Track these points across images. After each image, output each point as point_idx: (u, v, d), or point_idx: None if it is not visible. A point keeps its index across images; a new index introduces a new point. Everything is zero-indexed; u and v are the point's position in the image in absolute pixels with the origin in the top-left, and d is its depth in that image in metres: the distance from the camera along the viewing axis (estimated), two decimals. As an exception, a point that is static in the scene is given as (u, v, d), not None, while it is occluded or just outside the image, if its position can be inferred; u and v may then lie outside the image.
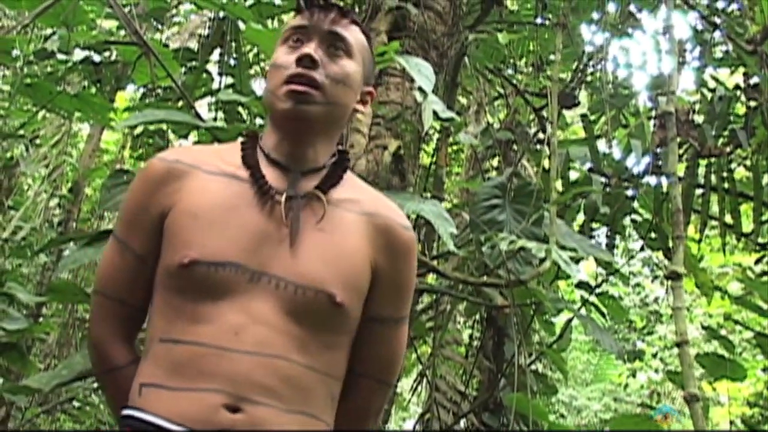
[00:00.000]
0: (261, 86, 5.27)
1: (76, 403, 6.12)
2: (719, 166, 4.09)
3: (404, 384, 6.54)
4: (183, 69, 4.04)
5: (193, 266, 1.35)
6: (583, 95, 5.12)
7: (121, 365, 1.47)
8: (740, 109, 4.30)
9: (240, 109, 3.92)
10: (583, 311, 3.82)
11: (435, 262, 3.58)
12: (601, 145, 4.24)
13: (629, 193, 4.14)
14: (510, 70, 5.23)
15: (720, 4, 4.82)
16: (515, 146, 4.57)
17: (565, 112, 4.90)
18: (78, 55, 3.80)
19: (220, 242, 1.37)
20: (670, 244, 3.46)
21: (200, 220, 1.39)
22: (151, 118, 2.62)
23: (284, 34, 1.53)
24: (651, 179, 4.09)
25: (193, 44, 5.08)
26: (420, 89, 2.50)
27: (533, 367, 4.28)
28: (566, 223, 3.74)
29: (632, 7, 4.82)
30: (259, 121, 3.47)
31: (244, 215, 1.40)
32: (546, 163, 3.88)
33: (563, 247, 3.06)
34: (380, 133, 3.12)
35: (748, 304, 3.94)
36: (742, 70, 4.30)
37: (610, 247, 4.04)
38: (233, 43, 4.04)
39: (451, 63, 3.74)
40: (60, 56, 3.76)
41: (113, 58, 4.12)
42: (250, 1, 3.79)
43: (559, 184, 3.93)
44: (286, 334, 1.35)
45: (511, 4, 5.20)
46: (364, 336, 1.50)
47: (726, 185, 4.10)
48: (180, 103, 3.64)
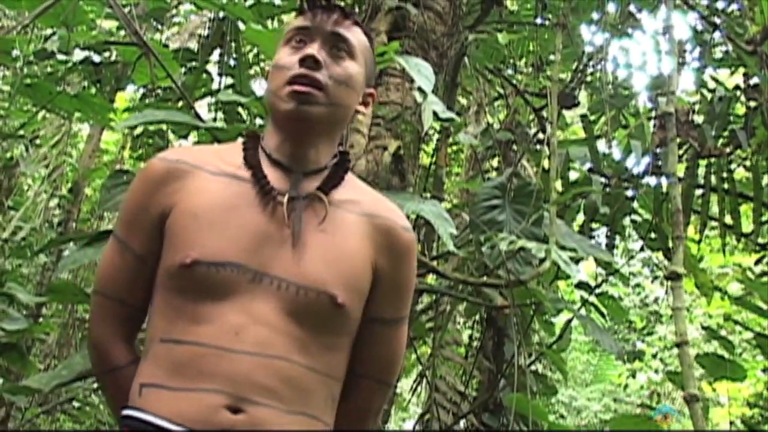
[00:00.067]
0: (261, 87, 5.27)
1: (76, 404, 6.12)
2: (719, 167, 4.08)
3: (404, 384, 6.54)
4: (183, 69, 4.04)
5: (194, 266, 1.35)
6: (583, 95, 5.12)
7: (121, 365, 1.47)
8: (740, 109, 4.30)
9: (240, 109, 3.92)
10: (583, 311, 3.82)
11: (435, 263, 3.58)
12: (601, 146, 4.24)
13: (629, 193, 4.14)
14: (510, 71, 5.23)
15: (720, 4, 4.82)
16: (515, 146, 4.57)
17: (565, 112, 4.90)
18: (78, 55, 3.80)
19: (221, 242, 1.37)
20: (670, 244, 3.45)
21: (201, 220, 1.39)
22: (151, 119, 2.62)
23: (286, 35, 1.53)
24: (651, 179, 4.09)
25: (193, 44, 5.08)
26: (420, 89, 2.50)
27: (533, 367, 4.27)
28: (566, 223, 3.73)
29: (632, 8, 4.82)
30: (258, 121, 3.47)
31: (245, 215, 1.40)
32: (546, 163, 3.88)
33: (563, 248, 3.06)
34: (380, 134, 3.12)
35: (747, 304, 3.93)
36: (742, 70, 4.30)
37: (610, 247, 4.03)
38: (233, 44, 4.04)
39: (450, 63, 3.74)
40: (60, 56, 3.76)
41: (113, 58, 4.12)
42: (250, 2, 3.79)
43: (558, 185, 3.92)
44: (287, 334, 1.35)
45: (511, 4, 5.20)
46: (364, 337, 1.49)
47: (726, 186, 4.10)
48: (180, 103, 3.64)
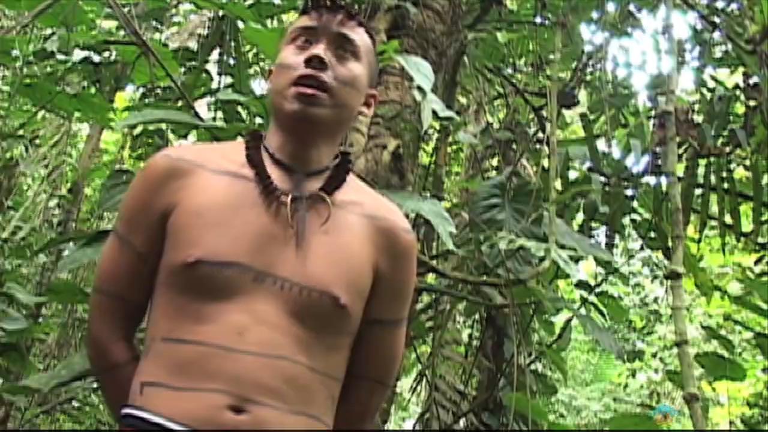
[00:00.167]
0: (260, 86, 5.27)
1: (75, 404, 6.12)
2: (719, 166, 4.08)
3: (404, 384, 6.54)
4: (182, 69, 4.04)
5: (197, 266, 1.34)
6: (582, 95, 5.12)
7: (121, 363, 1.46)
8: (740, 108, 4.30)
9: (239, 108, 3.92)
10: (583, 311, 3.82)
11: (434, 262, 3.58)
12: (601, 145, 4.24)
13: (629, 192, 4.14)
14: (509, 70, 5.23)
15: (719, 3, 4.82)
16: (515, 146, 4.56)
17: (565, 111, 4.90)
18: (77, 55, 3.80)
19: (224, 242, 1.36)
20: (670, 243, 3.45)
21: (205, 218, 1.38)
22: (150, 118, 2.62)
23: (291, 35, 1.52)
24: (650, 179, 4.09)
25: (193, 44, 5.08)
26: (419, 88, 2.51)
27: (533, 366, 4.27)
28: (566, 222, 3.74)
29: (632, 7, 4.82)
30: (258, 120, 3.47)
31: (248, 215, 1.39)
32: (545, 162, 3.88)
33: (562, 247, 3.06)
34: (379, 132, 3.12)
35: (747, 304, 3.93)
36: (741, 69, 4.30)
37: (610, 246, 4.03)
38: (232, 43, 4.03)
39: (450, 62, 3.74)
40: (59, 56, 3.75)
41: (113, 58, 4.11)
42: (250, 1, 3.78)
43: (558, 184, 3.92)
44: (290, 335, 1.35)
45: (511, 4, 5.20)
46: (363, 338, 1.49)
47: (725, 185, 4.10)
48: (179, 103, 3.64)
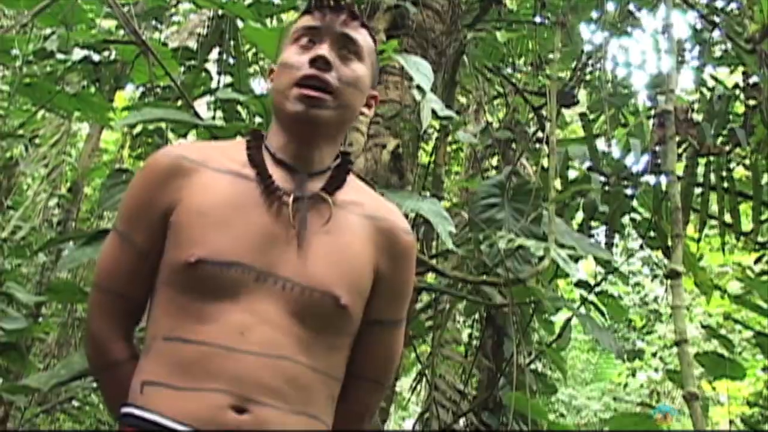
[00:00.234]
0: (260, 85, 5.27)
1: (75, 403, 6.11)
2: (718, 165, 4.08)
3: (404, 383, 6.53)
4: (182, 68, 4.04)
5: (199, 265, 1.34)
6: (582, 94, 5.12)
7: (120, 361, 1.46)
8: (739, 107, 4.30)
9: (239, 107, 3.91)
10: (583, 310, 3.81)
11: (434, 261, 3.58)
12: (600, 144, 4.25)
13: (628, 191, 4.14)
14: (509, 69, 5.23)
15: (719, 3, 4.82)
16: (514, 145, 4.56)
17: (565, 111, 4.90)
18: (77, 54, 3.79)
19: (227, 241, 1.36)
20: (669, 242, 3.45)
21: (207, 218, 1.38)
22: (150, 117, 2.61)
23: (294, 34, 1.52)
24: (650, 178, 4.08)
25: (192, 43, 5.08)
26: (418, 88, 2.51)
27: (533, 366, 4.27)
28: (565, 221, 3.74)
29: (631, 6, 4.83)
30: (258, 119, 3.46)
31: (251, 215, 1.39)
32: (545, 161, 3.88)
33: (562, 246, 3.06)
34: (379, 132, 3.12)
35: (747, 303, 3.92)
36: (741, 69, 4.30)
37: (609, 245, 4.03)
38: (232, 42, 4.03)
39: (449, 61, 3.74)
40: (59, 56, 3.75)
41: (112, 57, 4.11)
42: (249, 0, 3.78)
43: (558, 183, 3.92)
44: (291, 335, 1.35)
45: (510, 3, 5.20)
46: (363, 338, 1.50)
47: (725, 184, 4.09)
48: (179, 102, 3.63)
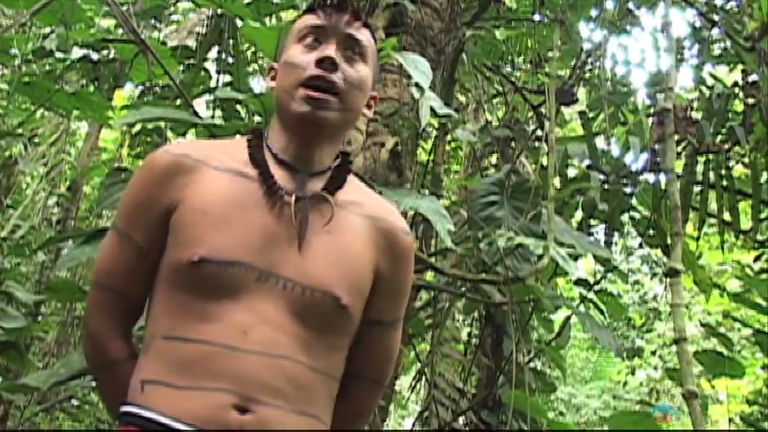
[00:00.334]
0: (259, 84, 5.26)
1: (74, 402, 6.11)
2: (717, 163, 4.08)
3: (403, 382, 6.53)
4: (181, 67, 4.03)
5: (202, 264, 1.34)
6: (581, 92, 5.12)
7: (119, 360, 1.45)
8: (738, 106, 4.30)
9: (238, 106, 3.91)
10: (582, 308, 3.81)
11: (433, 259, 3.58)
12: (600, 142, 4.25)
13: (627, 190, 4.14)
14: (508, 67, 5.23)
15: (718, 1, 4.82)
16: (513, 143, 4.56)
17: (564, 109, 4.91)
18: (76, 53, 3.78)
19: (229, 241, 1.36)
20: (669, 240, 3.45)
21: (209, 216, 1.38)
22: (149, 116, 2.60)
23: (299, 33, 1.51)
24: (649, 176, 4.08)
25: (191, 42, 5.08)
26: (417, 86, 2.50)
27: (532, 364, 4.27)
28: (564, 219, 3.73)
29: (630, 5, 4.83)
30: (257, 118, 3.46)
31: (252, 214, 1.39)
32: (544, 160, 3.88)
33: (561, 244, 3.06)
34: (378, 130, 3.12)
35: (747, 301, 3.92)
36: (740, 67, 4.30)
37: (609, 244, 4.03)
38: (231, 41, 4.03)
39: (448, 59, 3.74)
40: (58, 55, 3.74)
41: (111, 56, 4.11)
42: (248, -1, 3.78)
43: (557, 181, 3.92)
44: (292, 334, 1.35)
45: (509, 1, 5.20)
46: (361, 338, 1.50)
47: (724, 182, 4.09)
48: (178, 101, 3.63)
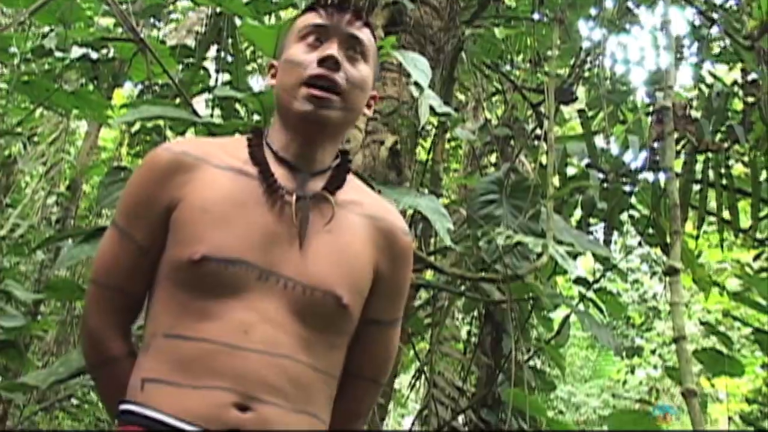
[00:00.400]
0: (258, 83, 5.26)
1: (74, 401, 6.11)
2: (717, 162, 4.07)
3: (402, 380, 6.53)
4: (180, 66, 4.04)
5: (203, 262, 1.34)
6: (580, 91, 5.12)
7: (118, 357, 1.45)
8: (738, 104, 4.29)
9: (237, 105, 3.91)
10: (581, 307, 3.81)
11: (432, 258, 3.58)
12: (599, 141, 4.24)
13: (627, 188, 4.14)
14: (507, 66, 5.23)
15: (717, -1, 4.82)
16: (513, 142, 4.56)
17: (563, 107, 4.90)
18: (75, 52, 3.79)
19: (230, 239, 1.36)
20: (668, 239, 3.45)
21: (210, 214, 1.37)
22: (148, 115, 2.60)
23: (301, 31, 1.51)
24: (648, 175, 4.08)
25: (191, 41, 5.07)
26: (416, 84, 2.50)
27: (531, 363, 4.28)
28: (563, 218, 3.73)
29: (630, 3, 4.83)
30: (256, 117, 3.46)
31: (253, 213, 1.39)
32: (543, 158, 3.87)
33: (560, 243, 3.06)
34: (377, 128, 3.12)
35: (746, 300, 3.92)
36: (739, 65, 4.30)
37: (608, 242, 4.03)
38: (230, 40, 4.03)
39: (447, 58, 3.74)
40: (57, 53, 3.75)
41: (110, 55, 4.11)
42: (247, -2, 3.78)
43: (556, 180, 3.92)
44: (293, 333, 1.35)
45: (509, 0, 5.20)
46: (360, 338, 1.50)
47: (724, 181, 4.09)
48: (177, 100, 3.63)
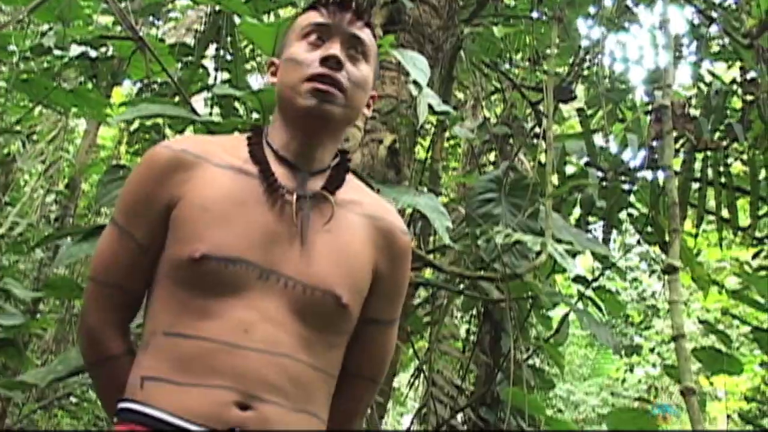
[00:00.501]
0: (257, 81, 5.26)
1: (73, 399, 6.12)
2: (716, 160, 4.08)
3: (401, 379, 6.54)
4: (179, 64, 4.04)
5: (203, 261, 1.33)
6: (579, 89, 5.11)
7: (116, 355, 1.45)
8: (737, 103, 4.30)
9: (236, 103, 3.91)
10: (580, 305, 3.81)
11: (431, 256, 3.58)
12: (598, 140, 4.25)
13: (626, 187, 4.14)
14: (506, 65, 5.23)
15: (716, -2, 4.82)
16: (512, 140, 4.55)
17: (562, 106, 4.90)
18: (74, 50, 3.79)
19: (230, 238, 1.36)
20: (667, 237, 3.45)
21: (210, 213, 1.37)
22: (147, 113, 2.60)
23: (303, 30, 1.51)
24: (647, 173, 4.09)
25: (190, 39, 5.07)
26: (415, 83, 2.50)
27: (530, 361, 4.28)
28: (562, 216, 3.73)
29: (629, 2, 4.83)
30: (255, 115, 3.46)
31: (253, 212, 1.39)
32: (542, 157, 3.87)
33: (559, 241, 3.06)
34: (376, 127, 3.12)
35: (745, 298, 3.92)
36: (738, 64, 4.30)
37: (607, 241, 4.03)
38: (229, 38, 4.03)
39: (446, 57, 3.74)
40: (56, 52, 3.75)
41: (109, 53, 4.11)
42: (246, -4, 3.78)
43: (555, 178, 3.92)
44: (293, 333, 1.35)
45: (507, -2, 5.20)
46: (359, 337, 1.50)
47: (722, 179, 4.10)
48: (176, 98, 3.63)
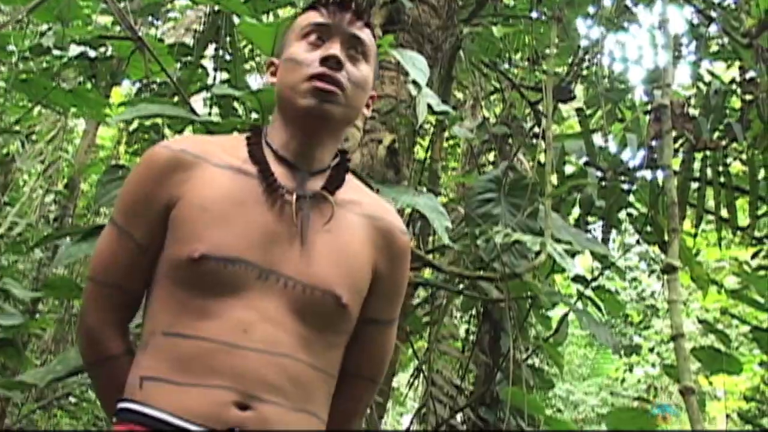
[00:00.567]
0: (256, 81, 5.26)
1: (72, 399, 6.12)
2: (715, 160, 4.08)
3: (401, 379, 6.54)
4: (178, 64, 4.04)
5: (203, 261, 1.33)
6: (579, 89, 5.11)
7: (116, 355, 1.45)
8: (736, 102, 4.30)
9: (235, 103, 3.91)
10: (580, 305, 3.81)
11: (430, 256, 3.58)
12: (597, 139, 4.25)
13: (625, 186, 4.14)
14: (506, 64, 5.23)
15: (715, -3, 4.82)
16: (511, 140, 4.55)
17: (561, 106, 4.90)
18: (73, 50, 3.78)
19: (229, 238, 1.36)
20: (666, 237, 3.45)
21: (209, 213, 1.37)
22: (146, 113, 2.59)
23: (302, 30, 1.51)
24: (647, 173, 4.09)
25: (189, 39, 5.07)
26: (414, 82, 2.50)
27: (530, 361, 4.28)
28: (562, 216, 3.73)
29: (628, 1, 4.82)
30: (254, 115, 3.46)
31: (253, 212, 1.39)
32: (542, 157, 3.88)
33: (558, 241, 3.06)
34: (375, 127, 3.12)
35: (744, 298, 3.92)
36: (738, 63, 4.30)
37: (606, 240, 4.04)
38: (228, 38, 4.03)
39: (446, 57, 3.74)
40: (55, 52, 3.74)
41: (108, 53, 4.10)
42: (245, -4, 3.77)
43: (554, 178, 3.92)
44: (293, 333, 1.35)
45: (506, -2, 5.20)
46: (358, 337, 1.50)
47: (722, 179, 4.10)
48: (175, 98, 3.63)
